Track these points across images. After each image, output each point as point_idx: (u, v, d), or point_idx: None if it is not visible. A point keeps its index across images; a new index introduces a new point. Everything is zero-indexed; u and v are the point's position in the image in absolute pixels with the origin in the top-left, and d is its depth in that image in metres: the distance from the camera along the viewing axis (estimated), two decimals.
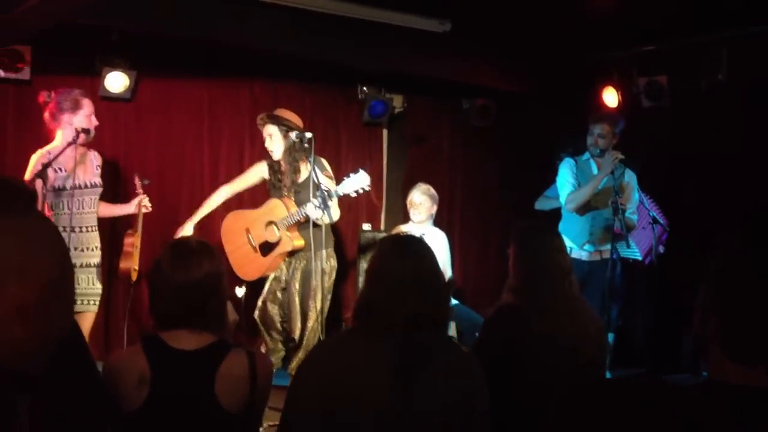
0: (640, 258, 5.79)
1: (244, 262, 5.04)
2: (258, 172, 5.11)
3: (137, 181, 5.01)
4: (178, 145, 6.03)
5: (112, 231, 5.36)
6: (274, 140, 4.96)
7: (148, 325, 2.86)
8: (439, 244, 5.90)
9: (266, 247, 5.00)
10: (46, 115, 4.65)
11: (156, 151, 5.93)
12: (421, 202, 5.87)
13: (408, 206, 5.95)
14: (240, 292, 5.00)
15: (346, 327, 2.44)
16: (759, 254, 1.75)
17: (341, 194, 4.80)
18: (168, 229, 5.58)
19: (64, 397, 2.03)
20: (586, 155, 5.45)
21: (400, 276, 2.32)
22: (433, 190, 5.92)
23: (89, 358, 2.25)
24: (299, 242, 4.93)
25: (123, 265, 4.93)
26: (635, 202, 5.40)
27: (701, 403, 1.46)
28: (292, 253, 5.00)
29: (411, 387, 2.21)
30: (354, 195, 4.84)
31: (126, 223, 5.23)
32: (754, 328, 1.69)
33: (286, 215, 4.87)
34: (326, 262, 4.94)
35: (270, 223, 4.95)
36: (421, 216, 5.88)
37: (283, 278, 5.04)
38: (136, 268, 4.99)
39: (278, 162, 4.99)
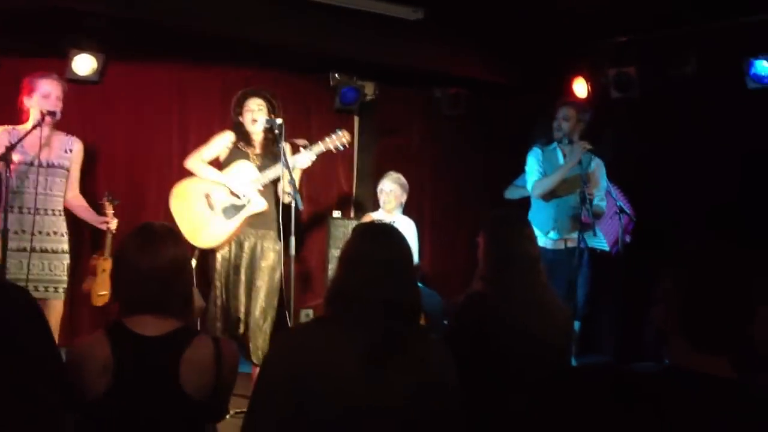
0: (607, 249, 5.83)
1: (201, 226, 4.87)
2: (224, 141, 4.96)
3: (105, 201, 4.88)
4: (147, 130, 5.96)
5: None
6: (263, 112, 4.92)
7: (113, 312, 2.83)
8: (407, 231, 5.90)
9: (230, 212, 4.90)
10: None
11: (124, 135, 5.86)
12: (392, 190, 5.87)
13: (378, 194, 5.95)
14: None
15: (317, 314, 2.41)
16: (719, 247, 1.77)
17: (323, 150, 4.91)
18: (136, 215, 5.55)
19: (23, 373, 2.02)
20: (553, 144, 5.49)
21: (374, 263, 2.31)
22: (403, 179, 5.92)
23: (51, 344, 2.22)
24: (265, 206, 4.87)
25: (86, 286, 4.91)
26: (603, 188, 5.43)
27: (664, 391, 1.47)
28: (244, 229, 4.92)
29: (382, 375, 2.21)
30: (335, 151, 5.00)
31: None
32: (714, 319, 1.71)
33: (258, 175, 4.78)
34: (293, 247, 4.89)
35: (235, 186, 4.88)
36: (391, 204, 5.88)
37: (232, 258, 4.94)
38: (103, 293, 4.93)
39: (247, 133, 4.94)
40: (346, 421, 2.18)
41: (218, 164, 4.97)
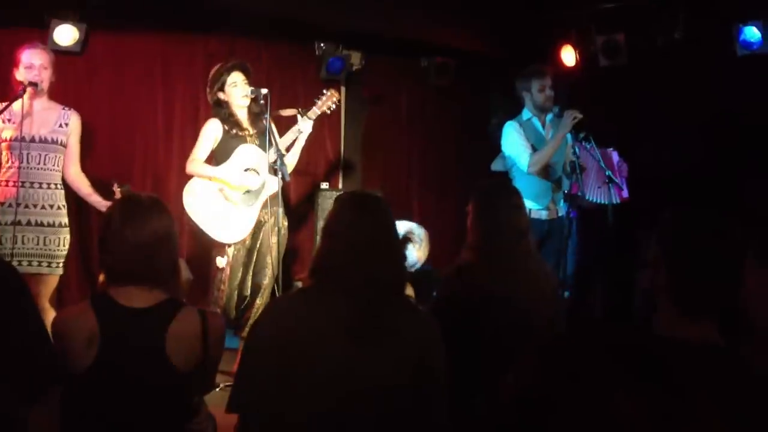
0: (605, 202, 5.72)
1: (228, 223, 4.83)
2: (213, 132, 4.89)
3: (115, 188, 4.71)
4: (131, 101, 5.88)
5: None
6: (246, 84, 4.87)
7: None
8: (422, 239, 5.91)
9: (249, 198, 4.87)
10: None
11: (108, 106, 5.77)
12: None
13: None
14: (222, 261, 4.86)
15: (302, 286, 2.39)
16: (704, 212, 1.76)
17: (318, 114, 4.95)
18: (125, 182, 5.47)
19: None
20: (527, 114, 5.44)
21: (357, 234, 2.29)
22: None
23: (31, 318, 2.19)
24: (281, 183, 4.80)
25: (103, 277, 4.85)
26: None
27: (649, 358, 1.47)
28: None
29: (365, 346, 2.19)
30: (329, 112, 5.06)
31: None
32: (701, 283, 1.71)
33: (272, 149, 4.71)
34: (283, 220, 4.89)
35: (246, 171, 4.85)
36: None
37: (247, 239, 4.95)
38: None
39: (233, 114, 4.89)
40: (329, 392, 2.17)
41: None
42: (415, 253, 5.42)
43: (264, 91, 4.72)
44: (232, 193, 4.83)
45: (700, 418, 0.98)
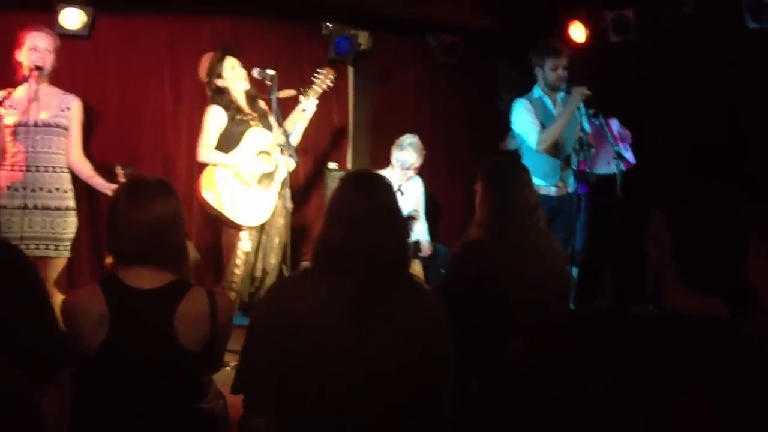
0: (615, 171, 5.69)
1: (251, 207, 4.85)
2: (219, 120, 4.88)
3: (119, 171, 4.73)
4: (139, 85, 5.88)
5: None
6: (241, 69, 4.87)
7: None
8: (416, 191, 6.01)
9: (265, 181, 4.89)
10: None
11: (116, 90, 5.77)
12: (414, 162, 5.82)
13: (395, 158, 5.83)
14: (248, 246, 4.88)
15: (305, 266, 2.39)
16: (710, 184, 1.75)
17: (318, 93, 4.98)
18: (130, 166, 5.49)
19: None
20: (537, 92, 5.39)
21: (358, 214, 2.28)
22: (421, 144, 5.90)
23: (39, 301, 2.20)
24: (295, 163, 4.89)
25: (109, 260, 4.87)
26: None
27: (655, 335, 1.46)
28: None
29: (369, 326, 2.20)
30: (327, 90, 5.09)
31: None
32: (706, 257, 1.70)
33: (277, 134, 4.74)
34: (289, 202, 4.90)
35: (259, 154, 4.86)
36: (410, 173, 5.87)
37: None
38: None
39: (234, 100, 4.89)
40: (333, 372, 2.18)
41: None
42: (414, 155, 5.83)
43: (271, 72, 4.72)
44: (249, 177, 4.85)
45: (690, 395, 0.98)
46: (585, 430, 0.94)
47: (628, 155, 5.55)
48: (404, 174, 5.80)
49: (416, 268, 5.62)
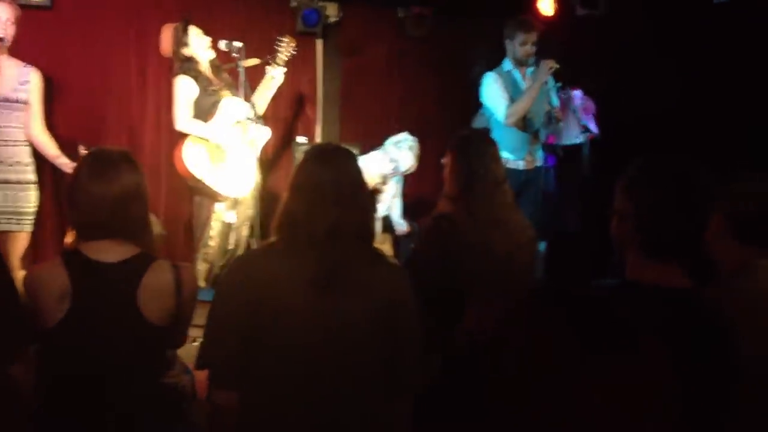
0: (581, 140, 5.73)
1: (232, 178, 4.82)
2: (189, 88, 4.83)
3: (82, 150, 4.51)
4: (103, 56, 5.76)
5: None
6: (205, 36, 4.82)
7: None
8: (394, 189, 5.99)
9: (244, 152, 4.85)
10: None
11: (80, 62, 5.66)
12: (410, 167, 5.77)
13: (388, 158, 5.73)
14: (232, 216, 4.85)
15: (267, 240, 2.37)
16: (671, 157, 1.76)
17: (284, 61, 4.97)
18: (97, 144, 5.41)
19: None
20: (507, 66, 5.39)
21: (320, 187, 2.27)
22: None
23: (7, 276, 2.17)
24: (270, 132, 4.89)
25: (68, 239, 4.80)
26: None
27: (612, 303, 1.48)
28: None
29: (331, 300, 2.19)
30: (291, 58, 5.06)
31: None
32: (667, 226, 1.72)
33: (249, 103, 4.72)
34: (258, 174, 4.88)
35: (236, 124, 4.82)
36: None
37: None
38: None
39: (201, 71, 4.84)
40: (297, 345, 2.18)
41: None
42: (411, 160, 5.73)
43: (238, 44, 4.68)
44: (229, 148, 4.81)
45: (650, 363, 0.98)
46: (538, 398, 0.95)
47: (592, 126, 5.59)
48: (392, 170, 5.73)
49: (386, 243, 5.61)
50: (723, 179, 2.16)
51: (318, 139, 6.69)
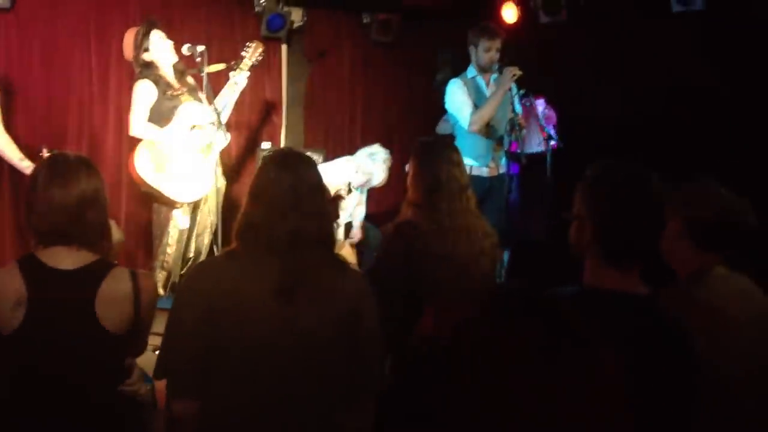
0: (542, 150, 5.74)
1: (186, 183, 4.76)
2: (148, 93, 4.77)
3: (44, 154, 4.49)
4: (64, 59, 5.70)
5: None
6: (167, 40, 4.77)
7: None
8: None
9: (201, 157, 4.80)
10: None
11: (40, 65, 5.60)
12: (381, 182, 5.67)
13: (356, 168, 5.56)
14: (184, 222, 4.79)
15: (228, 248, 2.35)
16: (625, 164, 1.78)
17: (249, 66, 4.91)
18: (57, 147, 5.34)
19: None
20: (471, 72, 5.42)
21: (279, 193, 2.25)
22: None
23: None
24: (229, 138, 4.81)
25: None
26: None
27: (573, 310, 1.49)
28: None
29: (292, 304, 2.18)
30: (257, 64, 5.02)
31: None
32: (623, 233, 1.73)
33: (212, 107, 4.65)
34: (221, 180, 4.84)
35: (193, 128, 4.77)
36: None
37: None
38: None
39: (162, 75, 4.80)
40: (258, 352, 2.17)
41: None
42: (384, 173, 5.61)
43: (201, 47, 4.65)
44: (185, 153, 4.75)
45: (602, 370, 0.99)
46: (489, 403, 0.95)
47: (553, 135, 5.62)
48: (365, 182, 5.67)
49: (347, 250, 5.58)
50: (675, 184, 2.18)
51: (283, 144, 6.67)
